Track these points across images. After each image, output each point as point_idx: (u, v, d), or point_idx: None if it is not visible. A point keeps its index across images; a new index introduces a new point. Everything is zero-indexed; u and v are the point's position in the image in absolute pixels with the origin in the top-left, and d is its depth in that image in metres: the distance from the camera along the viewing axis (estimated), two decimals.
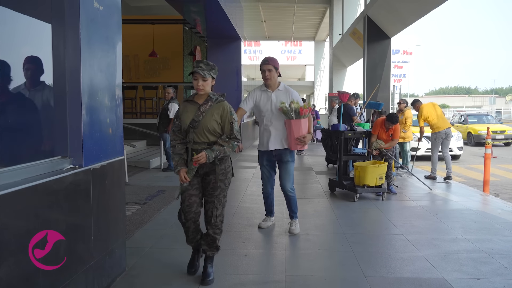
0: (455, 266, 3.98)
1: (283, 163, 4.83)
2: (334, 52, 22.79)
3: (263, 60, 4.70)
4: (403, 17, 12.53)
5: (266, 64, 4.63)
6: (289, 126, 4.61)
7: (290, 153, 4.81)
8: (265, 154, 4.82)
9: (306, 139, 4.61)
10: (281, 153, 4.77)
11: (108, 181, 3.38)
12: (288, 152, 4.78)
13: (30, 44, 3.12)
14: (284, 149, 4.74)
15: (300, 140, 4.58)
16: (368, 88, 13.55)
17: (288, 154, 4.79)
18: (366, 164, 7.06)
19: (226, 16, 11.05)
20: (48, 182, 2.60)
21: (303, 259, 4.18)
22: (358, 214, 6.01)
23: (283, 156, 4.78)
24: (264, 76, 4.66)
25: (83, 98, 3.03)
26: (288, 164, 4.81)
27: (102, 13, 3.32)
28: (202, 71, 3.39)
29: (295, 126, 4.55)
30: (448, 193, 7.64)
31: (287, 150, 4.76)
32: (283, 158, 4.80)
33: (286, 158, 4.80)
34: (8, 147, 2.51)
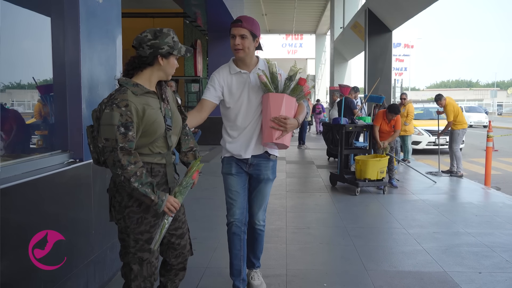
0: (457, 260, 3.98)
1: (258, 182, 3.09)
2: (335, 46, 22.71)
3: (234, 20, 2.89)
4: (405, 10, 12.47)
5: (237, 27, 2.83)
6: (264, 103, 2.91)
7: (273, 167, 3.12)
8: (233, 160, 3.05)
9: (288, 123, 2.80)
10: (260, 166, 3.05)
11: (108, 175, 3.34)
12: (269, 165, 3.08)
13: (30, 38, 3.11)
14: (266, 160, 3.06)
15: (279, 121, 2.79)
16: (369, 82, 13.49)
17: (269, 169, 3.08)
18: (367, 157, 7.06)
19: (227, 9, 11.00)
20: (49, 176, 2.59)
21: (304, 253, 4.18)
22: (359, 208, 6.00)
23: (262, 170, 3.06)
24: (234, 45, 2.87)
25: (83, 92, 3.02)
26: (267, 184, 3.11)
27: (101, 6, 3.30)
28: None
29: (274, 101, 2.84)
30: (450, 187, 7.63)
31: (269, 162, 3.08)
32: (262, 174, 3.06)
33: (265, 175, 3.07)
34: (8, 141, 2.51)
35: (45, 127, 3.51)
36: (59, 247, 2.63)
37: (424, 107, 17.02)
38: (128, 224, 2.21)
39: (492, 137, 8.30)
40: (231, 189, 3.06)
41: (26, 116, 3.41)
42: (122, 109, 2.06)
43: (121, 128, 2.06)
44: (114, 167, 2.06)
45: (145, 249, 2.25)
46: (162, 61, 2.23)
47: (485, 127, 21.03)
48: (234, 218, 3.05)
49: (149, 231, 2.25)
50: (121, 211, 2.21)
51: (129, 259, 2.25)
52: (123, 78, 2.22)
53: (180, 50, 2.28)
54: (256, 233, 3.22)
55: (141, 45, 2.19)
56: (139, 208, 2.21)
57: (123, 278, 2.29)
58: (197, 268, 3.68)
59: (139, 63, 2.23)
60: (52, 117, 3.40)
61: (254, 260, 3.32)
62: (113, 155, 2.05)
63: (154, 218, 2.27)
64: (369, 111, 10.52)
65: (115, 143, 2.05)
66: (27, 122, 3.38)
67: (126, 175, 2.05)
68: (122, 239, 2.27)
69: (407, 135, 10.12)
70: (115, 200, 2.22)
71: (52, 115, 3.38)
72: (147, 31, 2.22)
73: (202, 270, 3.69)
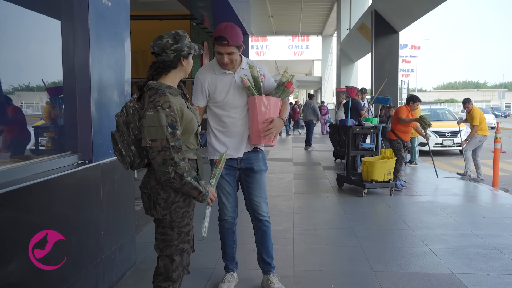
0: (465, 262, 3.97)
1: (253, 173, 3.21)
2: (341, 47, 22.71)
3: (217, 36, 2.90)
4: (411, 11, 12.45)
5: (224, 46, 2.91)
6: (250, 106, 3.06)
7: (263, 158, 3.26)
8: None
9: (274, 125, 3.00)
10: (251, 158, 3.19)
11: (117, 176, 3.39)
12: (260, 157, 3.23)
13: (39, 40, 3.15)
14: (255, 153, 3.20)
15: (265, 128, 2.99)
16: (376, 83, 13.49)
17: (260, 160, 3.23)
18: (374, 159, 7.05)
19: (234, 11, 11.03)
20: (59, 177, 2.62)
21: (312, 254, 4.19)
22: (366, 209, 6.00)
23: (254, 162, 3.20)
24: (221, 62, 3.00)
25: (93, 94, 3.05)
26: (262, 175, 3.25)
27: (110, 9, 3.33)
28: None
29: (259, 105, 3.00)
30: (457, 188, 7.60)
31: (259, 154, 3.22)
32: (254, 166, 3.20)
33: (257, 166, 3.21)
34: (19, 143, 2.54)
35: (54, 129, 3.54)
36: (65, 247, 2.66)
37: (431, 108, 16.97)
38: (174, 219, 2.30)
39: (499, 138, 8.27)
40: (222, 191, 3.23)
41: (35, 118, 3.45)
42: (166, 110, 2.15)
43: (168, 128, 2.15)
44: (164, 166, 2.14)
45: (185, 241, 2.38)
46: (184, 62, 2.34)
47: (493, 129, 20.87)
48: (228, 216, 3.31)
49: (189, 224, 2.39)
50: (167, 207, 2.29)
51: (172, 251, 2.35)
52: (154, 82, 2.28)
53: (195, 48, 2.40)
54: (264, 226, 3.30)
55: (164, 51, 2.27)
56: (184, 203, 2.32)
57: (162, 270, 2.37)
58: (205, 269, 3.70)
59: (163, 67, 2.31)
60: (61, 119, 3.43)
61: (269, 259, 3.35)
62: (163, 154, 2.14)
63: (193, 211, 2.42)
64: (376, 112, 10.52)
65: (166, 143, 2.13)
66: (36, 124, 3.42)
67: (179, 171, 2.15)
68: (165, 233, 2.34)
69: (414, 137, 10.10)
70: (159, 197, 2.29)
71: (61, 116, 3.42)
72: (165, 36, 2.28)
73: (210, 271, 3.70)
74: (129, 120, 2.26)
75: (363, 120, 8.23)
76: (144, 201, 2.38)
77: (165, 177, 2.16)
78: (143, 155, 2.31)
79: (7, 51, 2.80)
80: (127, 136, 2.27)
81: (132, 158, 2.29)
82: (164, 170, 2.15)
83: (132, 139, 2.27)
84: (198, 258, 3.86)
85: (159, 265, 2.40)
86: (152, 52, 2.30)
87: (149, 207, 2.35)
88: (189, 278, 3.64)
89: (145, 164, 2.35)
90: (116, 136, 2.28)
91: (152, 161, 2.18)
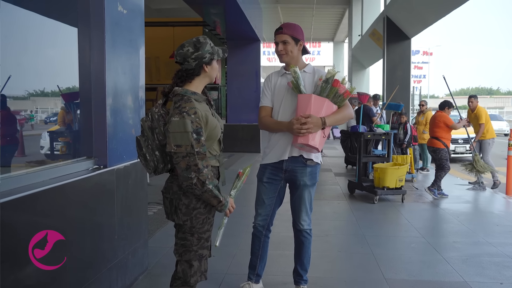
0: (477, 270, 3.94)
1: (296, 187, 3.13)
2: (353, 53, 22.68)
3: (277, 28, 3.08)
4: (424, 18, 12.42)
5: (279, 34, 3.03)
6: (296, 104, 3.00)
7: (311, 173, 3.10)
8: (270, 165, 3.14)
9: (309, 121, 2.83)
10: (296, 171, 3.07)
11: (131, 182, 3.43)
12: (306, 171, 3.08)
13: (56, 47, 3.21)
14: (302, 165, 3.07)
15: (297, 120, 2.87)
16: (388, 89, 13.45)
17: (306, 174, 3.08)
18: (386, 165, 7.03)
19: (246, 18, 11.10)
20: (74, 182, 2.66)
21: (323, 261, 4.18)
22: (377, 216, 5.98)
23: (298, 175, 3.07)
24: (277, 51, 3.06)
25: (108, 100, 3.10)
26: (305, 190, 3.12)
27: (126, 16, 3.38)
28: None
29: (302, 102, 2.93)
30: (470, 196, 7.54)
31: (305, 168, 3.07)
32: (298, 180, 3.08)
33: (301, 180, 3.08)
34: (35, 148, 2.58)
35: (69, 134, 3.60)
36: (80, 250, 2.69)
37: None
38: (194, 224, 2.32)
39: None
40: (258, 197, 3.23)
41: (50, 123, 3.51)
42: (192, 116, 2.18)
43: (194, 134, 2.17)
44: (187, 171, 2.16)
45: (204, 247, 2.40)
46: (207, 68, 2.36)
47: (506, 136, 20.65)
48: (256, 223, 3.27)
49: (209, 230, 2.41)
50: (189, 213, 2.31)
51: (191, 256, 2.37)
52: (180, 89, 2.31)
53: (218, 53, 2.41)
54: (302, 237, 3.26)
55: (185, 60, 2.30)
56: (205, 209, 2.34)
57: (180, 274, 2.39)
58: (217, 274, 3.72)
59: (187, 75, 2.34)
60: (76, 124, 3.49)
61: (302, 272, 3.32)
62: (187, 160, 2.15)
63: (213, 217, 2.44)
64: (388, 119, 10.49)
65: (190, 149, 2.15)
66: (50, 129, 3.47)
67: (201, 177, 2.17)
68: (185, 238, 2.36)
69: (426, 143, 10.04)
70: (181, 202, 2.31)
71: (75, 122, 3.47)
72: (186, 44, 2.31)
73: (222, 276, 3.72)
74: (154, 126, 2.30)
75: (375, 127, 8.21)
76: (166, 206, 2.41)
77: (187, 183, 2.18)
78: (166, 161, 2.34)
79: (25, 57, 2.87)
80: (152, 141, 2.30)
81: (156, 163, 2.32)
82: (187, 176, 2.17)
83: (156, 144, 2.31)
84: (210, 263, 3.85)
85: (177, 269, 2.42)
86: (176, 62, 2.34)
87: (170, 212, 2.38)
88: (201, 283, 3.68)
89: (168, 169, 2.38)
90: (141, 140, 2.32)
91: (176, 166, 2.20)
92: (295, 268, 3.35)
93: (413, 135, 9.38)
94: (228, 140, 9.78)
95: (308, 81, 3.05)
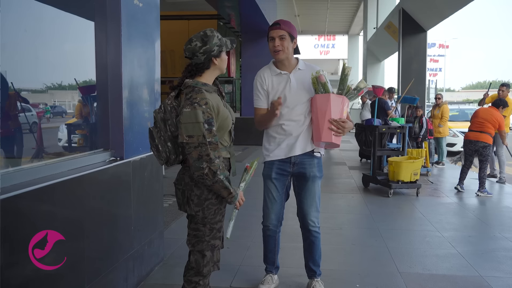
0: (493, 265, 3.91)
1: (305, 179, 3.11)
2: (368, 46, 22.49)
3: (272, 24, 3.02)
4: (440, 10, 12.25)
5: (276, 29, 2.96)
6: (322, 103, 2.94)
7: (318, 165, 3.13)
8: (277, 161, 3.11)
9: (347, 126, 2.91)
10: (305, 163, 3.08)
11: (147, 173, 3.48)
12: (315, 163, 3.11)
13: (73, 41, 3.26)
14: (310, 157, 3.09)
15: (338, 123, 2.88)
16: (403, 83, 13.33)
17: (315, 166, 3.10)
18: (400, 159, 6.99)
19: (260, 11, 11.08)
20: (92, 173, 2.70)
21: (337, 254, 4.19)
22: (392, 210, 5.96)
23: (307, 167, 3.09)
24: (273, 47, 2.98)
25: (124, 93, 3.13)
26: (315, 182, 3.12)
27: (142, 10, 3.41)
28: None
29: (335, 103, 2.91)
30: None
31: (314, 160, 3.10)
32: (307, 172, 3.09)
33: (311, 172, 3.09)
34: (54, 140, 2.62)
35: (86, 127, 3.65)
36: (98, 240, 2.75)
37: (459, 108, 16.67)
38: (206, 215, 2.35)
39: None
40: (268, 195, 3.19)
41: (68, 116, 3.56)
42: (203, 107, 2.21)
43: (205, 125, 2.20)
44: (199, 161, 2.19)
45: (216, 237, 2.42)
46: (216, 61, 2.38)
47: None
48: (269, 223, 3.23)
49: (221, 220, 2.44)
50: (201, 204, 2.34)
51: (203, 246, 2.40)
52: (190, 81, 2.34)
53: (226, 45, 2.42)
54: (312, 236, 3.22)
55: (194, 55, 2.33)
56: (217, 200, 2.37)
57: (193, 264, 2.42)
58: (231, 266, 3.75)
59: (197, 69, 2.37)
60: (92, 117, 3.54)
61: (315, 268, 3.32)
62: (199, 150, 2.18)
63: (225, 208, 2.46)
64: (403, 112, 10.41)
65: (202, 139, 2.18)
66: (68, 121, 3.53)
67: (213, 168, 2.19)
68: (197, 229, 2.39)
69: (442, 137, 9.95)
70: (193, 193, 2.34)
71: (92, 114, 3.52)
72: (194, 39, 2.32)
73: (236, 268, 3.76)
74: (167, 117, 2.33)
75: (389, 120, 8.16)
76: (178, 197, 2.44)
77: (198, 173, 2.20)
78: (178, 152, 2.37)
79: (43, 51, 2.92)
80: (164, 133, 2.34)
81: (167, 154, 2.35)
82: (198, 166, 2.19)
83: (168, 136, 2.34)
84: (224, 255, 3.88)
85: (190, 259, 2.45)
86: (186, 57, 2.37)
87: (182, 203, 2.41)
88: (215, 275, 3.71)
89: (179, 161, 2.42)
90: (153, 132, 2.35)
91: (188, 156, 2.23)
92: (307, 264, 3.35)
93: (429, 129, 9.29)
94: (242, 133, 9.82)
95: (307, 78, 3.03)
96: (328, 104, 2.89)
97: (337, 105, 2.90)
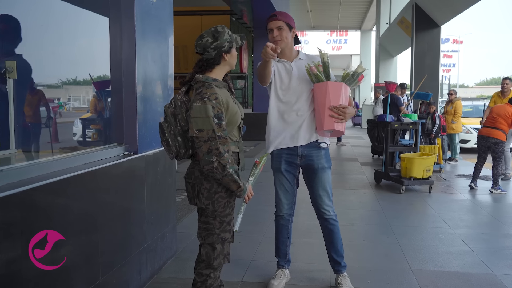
0: (506, 262, 3.88)
1: (314, 171, 3.14)
2: (381, 42, 22.35)
3: (269, 16, 3.12)
4: (454, 5, 12.13)
5: (273, 20, 3.05)
6: (321, 92, 2.97)
7: (325, 155, 3.16)
8: (284, 153, 3.14)
9: (347, 112, 2.93)
10: (312, 155, 3.12)
11: (160, 168, 3.51)
12: (322, 154, 3.13)
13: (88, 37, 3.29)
14: (317, 149, 3.12)
15: (338, 110, 2.90)
16: (416, 78, 13.24)
17: (322, 157, 3.13)
18: (413, 155, 6.95)
19: (273, 6, 11.06)
20: (107, 167, 2.74)
21: (348, 250, 4.17)
22: (404, 206, 5.94)
23: (315, 159, 3.12)
24: (272, 38, 3.04)
25: (138, 88, 3.16)
26: (324, 172, 3.14)
27: (155, 5, 3.43)
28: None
29: (333, 90, 2.94)
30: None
31: (321, 151, 3.13)
32: (315, 164, 3.12)
33: (319, 163, 3.12)
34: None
35: (100, 121, 3.69)
36: (117, 231, 2.78)
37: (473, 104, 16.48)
38: (216, 208, 2.37)
39: None
40: (280, 187, 3.23)
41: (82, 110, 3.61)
42: (213, 101, 2.23)
43: (215, 119, 2.22)
44: (209, 155, 2.21)
45: (226, 230, 2.44)
46: (226, 56, 2.41)
47: None
48: (283, 213, 3.29)
49: (230, 214, 2.46)
50: (210, 197, 2.37)
51: (213, 239, 2.42)
52: (201, 76, 2.36)
53: (237, 41, 2.45)
54: (330, 225, 3.26)
55: (205, 50, 2.35)
56: (226, 193, 2.40)
57: (204, 257, 2.45)
58: (243, 261, 3.77)
59: (207, 65, 2.40)
60: (107, 112, 3.57)
61: (338, 258, 3.29)
62: (208, 144, 2.21)
63: (234, 201, 2.49)
64: (415, 108, 10.34)
65: (212, 133, 2.20)
66: (83, 116, 3.57)
67: (222, 161, 2.22)
68: (207, 222, 2.42)
69: (455, 133, 9.87)
70: (203, 187, 2.37)
71: (106, 109, 3.55)
72: (205, 35, 2.35)
73: (248, 262, 3.78)
74: (177, 112, 2.36)
75: (402, 116, 8.12)
76: (188, 191, 2.47)
77: (208, 166, 2.23)
78: (188, 146, 2.40)
79: (59, 47, 2.95)
80: (174, 127, 2.37)
81: (177, 148, 2.38)
82: (208, 159, 2.21)
83: (178, 130, 2.37)
84: (236, 250, 3.93)
85: (201, 252, 2.48)
86: (197, 52, 2.39)
87: (192, 196, 2.44)
88: (227, 269, 3.74)
89: (189, 155, 2.44)
90: (164, 126, 2.38)
91: (197, 150, 2.26)
92: (330, 257, 3.32)
93: (442, 125, 9.23)
94: (255, 129, 9.81)
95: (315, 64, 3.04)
96: (327, 92, 2.94)
97: (335, 92, 2.94)
